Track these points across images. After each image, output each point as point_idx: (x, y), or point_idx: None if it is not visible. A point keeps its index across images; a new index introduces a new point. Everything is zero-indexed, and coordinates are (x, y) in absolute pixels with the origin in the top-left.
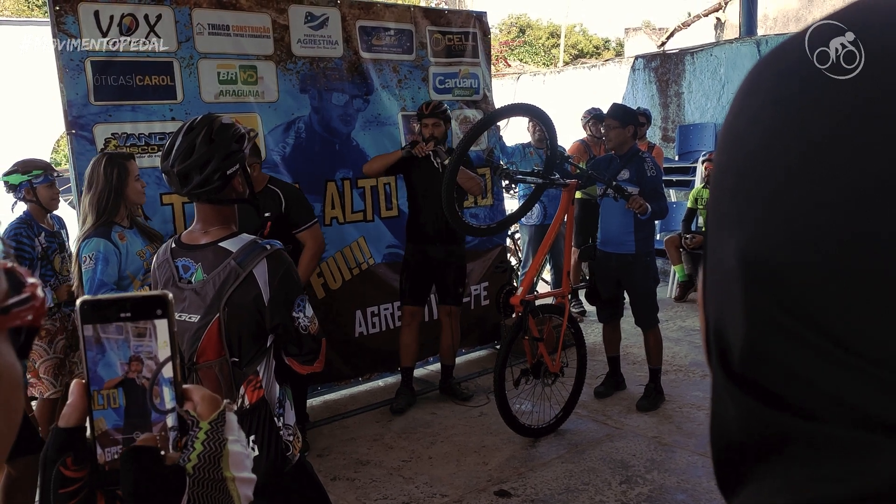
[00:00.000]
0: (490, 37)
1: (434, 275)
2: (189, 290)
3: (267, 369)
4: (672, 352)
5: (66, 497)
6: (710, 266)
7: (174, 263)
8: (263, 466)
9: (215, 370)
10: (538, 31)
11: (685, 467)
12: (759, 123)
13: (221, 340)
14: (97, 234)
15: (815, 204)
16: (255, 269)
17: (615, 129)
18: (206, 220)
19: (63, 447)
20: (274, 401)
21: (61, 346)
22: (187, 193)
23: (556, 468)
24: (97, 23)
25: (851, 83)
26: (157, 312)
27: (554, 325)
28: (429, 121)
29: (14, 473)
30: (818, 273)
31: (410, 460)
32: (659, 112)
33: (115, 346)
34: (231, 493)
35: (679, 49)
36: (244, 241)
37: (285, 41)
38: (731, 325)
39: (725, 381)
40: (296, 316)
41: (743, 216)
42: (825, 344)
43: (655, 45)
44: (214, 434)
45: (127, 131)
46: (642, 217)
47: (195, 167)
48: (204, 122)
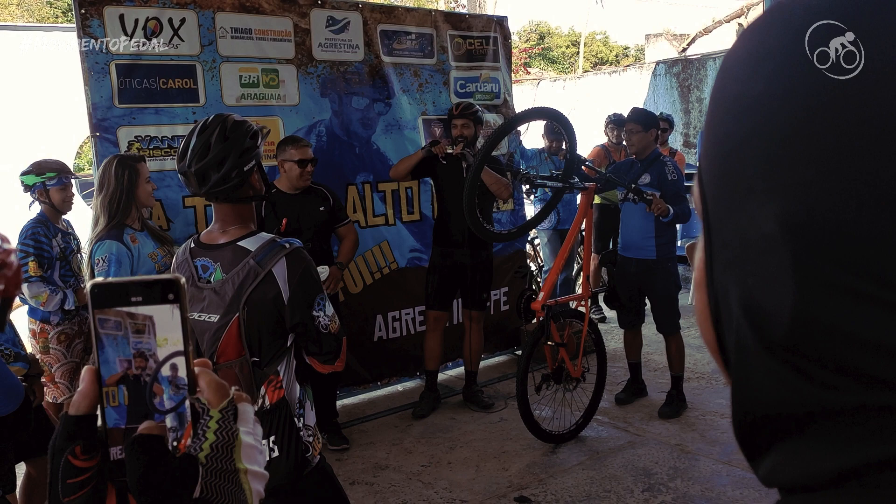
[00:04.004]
0: (510, 41)
1: (460, 279)
2: (208, 289)
3: (287, 369)
4: (694, 359)
5: (75, 487)
6: (725, 241)
7: (193, 263)
8: (284, 467)
9: (235, 370)
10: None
11: (709, 476)
12: (796, 91)
13: (241, 340)
14: (109, 237)
15: (880, 162)
16: (274, 268)
17: (637, 133)
18: (225, 219)
19: (72, 435)
20: (294, 401)
21: (79, 350)
22: (206, 193)
23: (578, 475)
24: (122, 26)
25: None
26: (169, 297)
27: (574, 330)
28: (458, 121)
29: (34, 473)
30: (887, 230)
31: (430, 465)
32: (680, 118)
33: (114, 341)
34: (243, 486)
35: (701, 54)
36: (263, 239)
37: (307, 45)
38: (773, 295)
39: (761, 354)
40: (316, 315)
41: (786, 181)
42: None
43: (676, 51)
44: (226, 423)
45: (150, 134)
46: (664, 220)
47: (212, 165)
48: (217, 121)
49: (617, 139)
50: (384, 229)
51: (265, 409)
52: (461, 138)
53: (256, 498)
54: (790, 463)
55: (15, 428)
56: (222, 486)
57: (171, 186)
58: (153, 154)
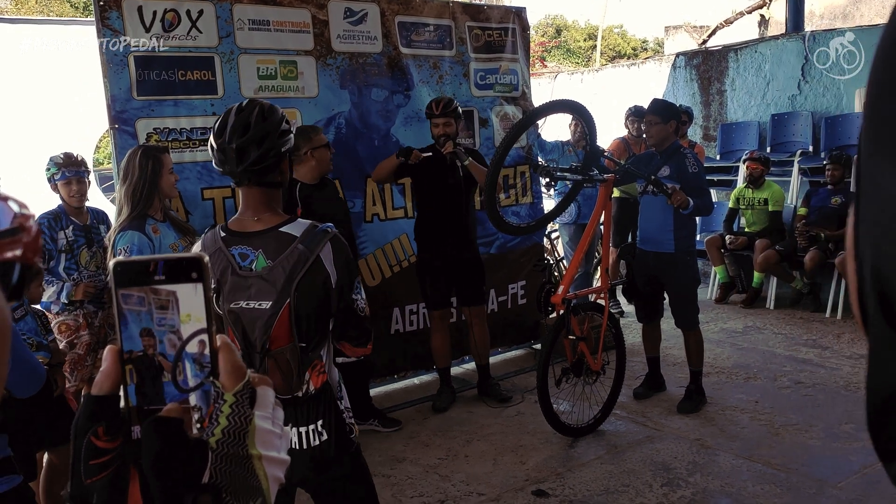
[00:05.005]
0: (529, 33)
1: (453, 277)
2: (254, 277)
3: (329, 353)
4: (714, 354)
5: (97, 469)
6: (867, 203)
7: (229, 252)
8: (333, 449)
9: (287, 356)
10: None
11: (729, 471)
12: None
13: (291, 326)
14: (132, 227)
15: None
16: (321, 253)
17: (657, 124)
18: (256, 206)
19: (95, 416)
20: (335, 384)
21: (84, 343)
22: (243, 171)
23: (596, 469)
24: (140, 18)
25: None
26: (193, 276)
27: (593, 324)
28: (440, 120)
29: (56, 461)
30: None
31: (447, 458)
32: (700, 110)
33: (138, 318)
34: (257, 472)
35: (722, 46)
36: (304, 225)
37: (325, 36)
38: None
39: (888, 331)
40: (355, 298)
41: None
42: None
43: (696, 43)
44: (240, 407)
45: (169, 126)
46: (684, 212)
47: (253, 142)
48: (254, 103)
49: (637, 132)
50: (403, 222)
51: (310, 394)
52: (445, 137)
53: (274, 483)
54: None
55: (34, 411)
56: (234, 471)
57: (189, 178)
58: (172, 146)
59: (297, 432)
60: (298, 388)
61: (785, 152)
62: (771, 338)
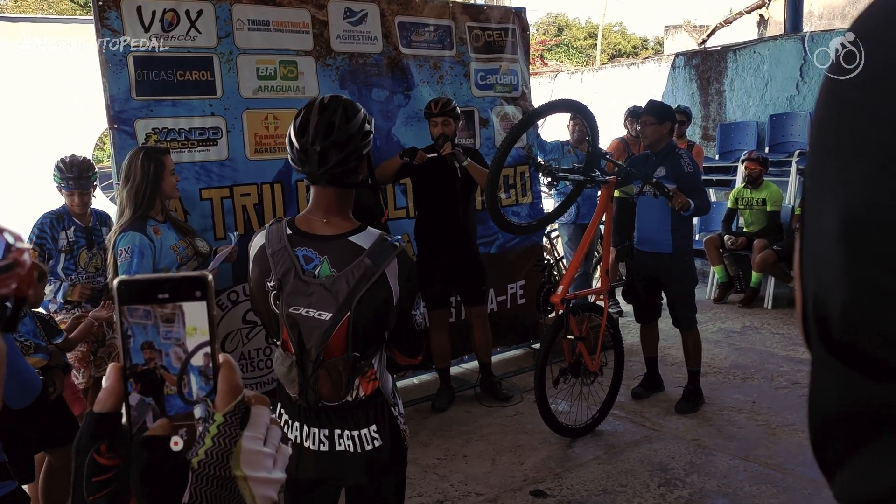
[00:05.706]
0: (528, 33)
1: (453, 277)
2: (316, 284)
3: (381, 361)
4: (711, 354)
5: (99, 486)
6: (808, 233)
7: (294, 252)
8: (387, 453)
9: (339, 367)
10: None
11: (726, 471)
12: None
13: (348, 338)
14: (133, 228)
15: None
16: (387, 269)
17: (651, 125)
18: (328, 207)
19: (97, 434)
20: (389, 391)
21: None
22: (323, 173)
23: (593, 469)
24: (139, 18)
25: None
26: (196, 294)
27: (592, 324)
28: (438, 119)
29: (55, 463)
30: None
31: (445, 458)
32: (699, 110)
33: (144, 331)
34: (242, 493)
35: (721, 46)
36: (373, 236)
37: (325, 37)
38: (831, 291)
39: (824, 353)
40: (414, 314)
41: (846, 175)
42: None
43: (696, 43)
44: (227, 428)
45: (167, 126)
46: (685, 214)
47: (336, 146)
48: (338, 100)
49: (636, 132)
50: (405, 222)
51: (359, 401)
52: (443, 137)
53: (265, 503)
54: (859, 477)
55: (29, 419)
56: (215, 492)
57: (188, 178)
58: (170, 146)
59: (350, 436)
60: (348, 395)
61: (783, 152)
62: (768, 338)
